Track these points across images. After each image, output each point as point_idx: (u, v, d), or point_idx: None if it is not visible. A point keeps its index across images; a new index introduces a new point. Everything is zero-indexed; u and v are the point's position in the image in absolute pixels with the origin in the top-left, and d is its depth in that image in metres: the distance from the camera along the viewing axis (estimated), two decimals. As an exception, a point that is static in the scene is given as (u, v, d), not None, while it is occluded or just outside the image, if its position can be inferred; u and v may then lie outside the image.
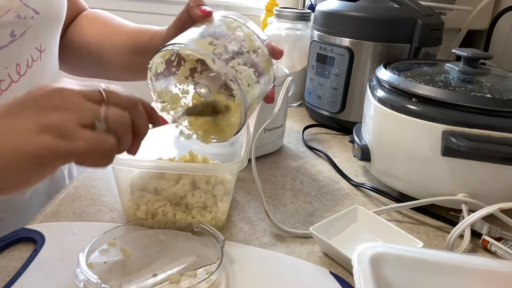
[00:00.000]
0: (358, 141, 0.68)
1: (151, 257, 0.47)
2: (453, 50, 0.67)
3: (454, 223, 0.55)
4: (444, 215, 0.59)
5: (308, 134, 0.86)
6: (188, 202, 0.52)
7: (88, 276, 0.40)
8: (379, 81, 0.65)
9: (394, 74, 0.63)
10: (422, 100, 0.57)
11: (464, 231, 0.52)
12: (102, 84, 0.38)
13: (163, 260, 0.46)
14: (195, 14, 0.50)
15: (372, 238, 0.53)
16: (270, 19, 1.06)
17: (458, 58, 0.66)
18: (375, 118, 0.63)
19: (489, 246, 0.52)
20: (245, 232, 0.54)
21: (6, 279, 0.43)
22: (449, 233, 0.52)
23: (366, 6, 0.82)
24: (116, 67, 0.68)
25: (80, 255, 0.42)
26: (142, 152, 0.54)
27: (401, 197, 0.63)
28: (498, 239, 0.53)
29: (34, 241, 0.48)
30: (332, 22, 0.84)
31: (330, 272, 0.47)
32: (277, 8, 1.02)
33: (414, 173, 0.59)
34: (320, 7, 0.87)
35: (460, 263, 0.41)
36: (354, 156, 0.70)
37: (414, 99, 0.57)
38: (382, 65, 0.68)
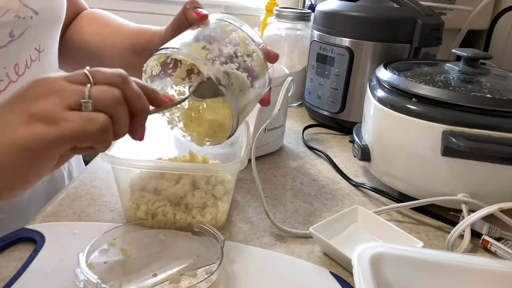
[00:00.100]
0: (358, 141, 0.68)
1: (151, 257, 0.47)
2: (453, 50, 0.67)
3: (454, 223, 0.55)
4: (444, 215, 0.59)
5: (308, 134, 0.86)
6: (188, 202, 0.52)
7: (88, 276, 0.40)
8: (379, 81, 0.65)
9: (394, 74, 0.63)
10: (422, 100, 0.57)
11: (464, 231, 0.52)
12: (87, 67, 0.37)
13: (163, 260, 0.46)
14: (191, 16, 0.50)
15: (372, 238, 0.53)
16: (270, 19, 1.06)
17: (458, 58, 0.66)
18: (375, 118, 0.63)
19: (489, 246, 0.52)
20: (245, 232, 0.54)
21: (6, 279, 0.43)
22: (449, 233, 0.52)
23: (366, 6, 0.82)
24: (115, 67, 0.68)
25: (80, 255, 0.42)
26: (142, 152, 0.54)
27: (401, 197, 0.63)
28: (498, 239, 0.53)
29: (34, 241, 0.48)
30: (332, 22, 0.84)
31: (330, 272, 0.47)
32: (277, 8, 1.02)
33: (414, 173, 0.59)
34: (320, 7, 0.87)
35: (460, 263, 0.41)
36: (354, 156, 0.70)
37: (414, 99, 0.57)
38: (382, 65, 0.68)
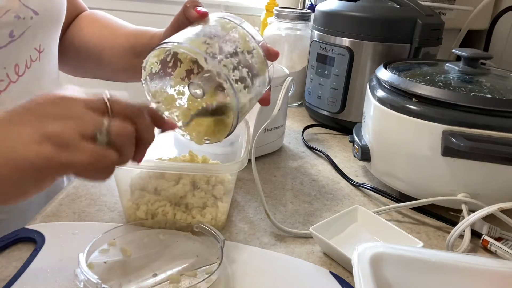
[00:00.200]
0: (358, 141, 0.68)
1: (151, 257, 0.47)
2: (453, 50, 0.67)
3: (454, 223, 0.55)
4: (444, 215, 0.59)
5: (308, 134, 0.86)
6: (188, 202, 0.52)
7: (88, 276, 0.40)
8: (379, 81, 0.65)
9: (394, 74, 0.63)
10: (422, 100, 0.57)
11: (464, 231, 0.52)
12: (107, 91, 0.36)
13: (163, 260, 0.46)
14: (191, 15, 0.50)
15: (372, 238, 0.53)
16: (270, 19, 1.06)
17: (458, 58, 0.66)
18: (375, 118, 0.63)
19: (489, 246, 0.52)
20: (245, 232, 0.54)
21: (6, 279, 0.43)
22: (449, 233, 0.52)
23: (366, 6, 0.82)
24: (115, 68, 0.68)
25: (80, 255, 0.42)
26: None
27: (401, 197, 0.63)
28: (498, 239, 0.53)
29: (34, 241, 0.48)
30: (332, 22, 0.84)
31: (330, 272, 0.47)
32: (277, 8, 1.02)
33: (414, 173, 0.59)
34: (320, 7, 0.87)
35: (460, 263, 0.41)
36: (354, 156, 0.70)
37: (414, 99, 0.57)
38: (382, 65, 0.68)
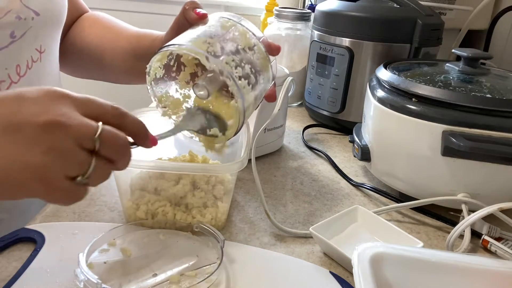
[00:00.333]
0: (358, 141, 0.68)
1: (151, 257, 0.47)
2: (453, 50, 0.67)
3: (454, 223, 0.55)
4: (444, 215, 0.59)
5: (308, 134, 0.86)
6: (188, 202, 0.52)
7: (88, 276, 0.40)
8: (379, 81, 0.65)
9: (394, 74, 0.63)
10: (422, 100, 0.57)
11: (464, 231, 0.52)
12: (101, 125, 0.35)
13: (163, 260, 0.46)
14: (191, 17, 0.50)
15: (372, 238, 0.53)
16: (270, 19, 1.06)
17: (458, 58, 0.66)
18: (375, 118, 0.63)
19: (489, 246, 0.52)
20: (245, 232, 0.54)
21: (6, 279, 0.43)
22: (449, 233, 0.52)
23: (366, 6, 0.82)
24: (116, 70, 0.68)
25: (80, 255, 0.42)
26: (142, 152, 0.54)
27: (401, 197, 0.63)
28: (498, 239, 0.53)
29: (34, 241, 0.48)
30: (332, 22, 0.84)
31: (330, 272, 0.47)
32: (277, 8, 1.02)
33: (414, 173, 0.59)
34: (320, 7, 0.87)
35: (460, 263, 0.41)
36: (354, 156, 0.70)
37: (414, 99, 0.57)
38: (382, 65, 0.68)
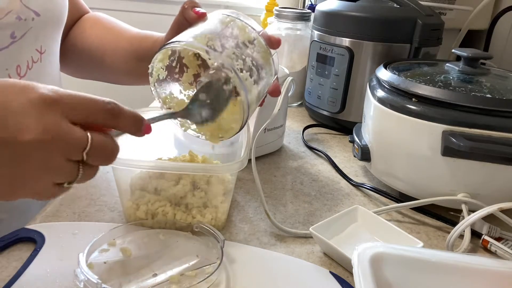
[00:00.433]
0: (358, 141, 0.68)
1: (151, 257, 0.47)
2: (453, 50, 0.67)
3: (454, 223, 0.55)
4: (444, 215, 0.59)
5: (308, 134, 0.86)
6: (188, 202, 0.52)
7: (88, 276, 0.40)
8: (379, 81, 0.65)
9: (394, 74, 0.63)
10: (422, 100, 0.57)
11: (464, 231, 0.52)
12: (90, 139, 0.35)
13: (163, 260, 0.46)
14: (190, 16, 0.50)
15: (372, 238, 0.53)
16: (270, 19, 1.06)
17: (458, 58, 0.66)
18: (375, 118, 0.63)
19: (489, 246, 0.52)
20: (245, 232, 0.54)
21: (6, 279, 0.43)
22: (449, 233, 0.52)
23: (366, 6, 0.82)
24: (117, 71, 0.68)
25: (80, 255, 0.42)
26: (142, 152, 0.54)
27: (401, 197, 0.63)
28: (498, 239, 0.53)
29: (34, 241, 0.48)
30: (332, 22, 0.84)
31: (330, 272, 0.47)
32: (277, 8, 1.02)
33: (414, 173, 0.59)
34: (320, 7, 0.87)
35: (460, 263, 0.41)
36: (354, 156, 0.70)
37: (414, 99, 0.57)
38: (382, 65, 0.68)
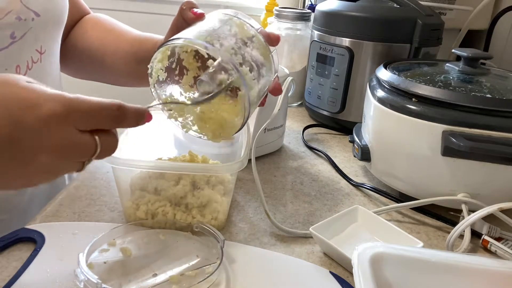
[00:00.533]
0: (358, 141, 0.68)
1: (151, 257, 0.47)
2: (453, 50, 0.67)
3: (454, 223, 0.55)
4: (444, 215, 0.59)
5: (308, 134, 0.86)
6: (188, 202, 0.52)
7: (88, 276, 0.40)
8: (379, 81, 0.65)
9: (394, 74, 0.63)
10: (422, 100, 0.57)
11: (464, 231, 0.52)
12: (99, 145, 0.37)
13: (163, 260, 0.46)
14: (188, 16, 0.50)
15: (372, 238, 0.53)
16: (270, 19, 1.06)
17: (458, 58, 0.66)
18: (375, 118, 0.63)
19: (489, 246, 0.52)
20: (245, 232, 0.54)
21: (6, 279, 0.43)
22: (449, 233, 0.52)
23: (366, 6, 0.82)
24: (117, 73, 0.68)
25: (80, 255, 0.42)
26: (142, 152, 0.54)
27: (401, 197, 0.63)
28: (498, 239, 0.53)
29: (34, 241, 0.48)
30: (332, 22, 0.84)
31: (330, 272, 0.47)
32: (277, 8, 1.02)
33: (414, 173, 0.59)
34: (320, 7, 0.87)
35: (460, 263, 0.41)
36: (354, 156, 0.70)
37: (414, 99, 0.57)
38: (382, 65, 0.68)
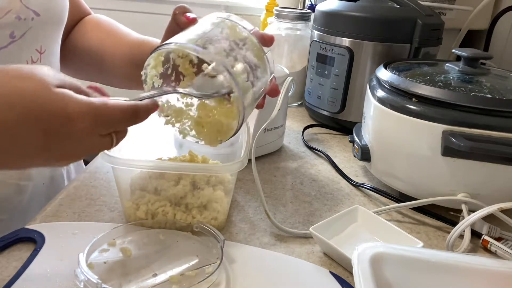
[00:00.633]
0: (358, 141, 0.68)
1: (151, 257, 0.47)
2: (453, 50, 0.67)
3: (454, 223, 0.55)
4: (444, 215, 0.59)
5: (308, 134, 0.86)
6: (188, 202, 0.52)
7: (88, 276, 0.40)
8: (379, 81, 0.65)
9: (394, 74, 0.63)
10: (422, 100, 0.57)
11: (464, 231, 0.52)
12: (114, 141, 0.40)
13: (163, 260, 0.46)
14: (181, 21, 0.50)
15: (372, 238, 0.53)
16: (270, 19, 1.06)
17: (458, 58, 0.66)
18: (375, 118, 0.63)
19: (489, 246, 0.52)
20: (245, 232, 0.54)
21: (6, 279, 0.43)
22: (449, 233, 0.52)
23: (366, 6, 0.82)
24: (116, 75, 0.68)
25: (80, 255, 0.42)
26: (142, 152, 0.54)
27: (401, 197, 0.63)
28: (498, 239, 0.53)
29: (34, 241, 0.48)
30: (332, 22, 0.84)
31: (330, 272, 0.47)
32: (277, 8, 1.02)
33: (414, 173, 0.59)
34: (320, 7, 0.87)
35: (460, 263, 0.41)
36: (354, 156, 0.70)
37: (414, 99, 0.57)
38: (382, 65, 0.68)
